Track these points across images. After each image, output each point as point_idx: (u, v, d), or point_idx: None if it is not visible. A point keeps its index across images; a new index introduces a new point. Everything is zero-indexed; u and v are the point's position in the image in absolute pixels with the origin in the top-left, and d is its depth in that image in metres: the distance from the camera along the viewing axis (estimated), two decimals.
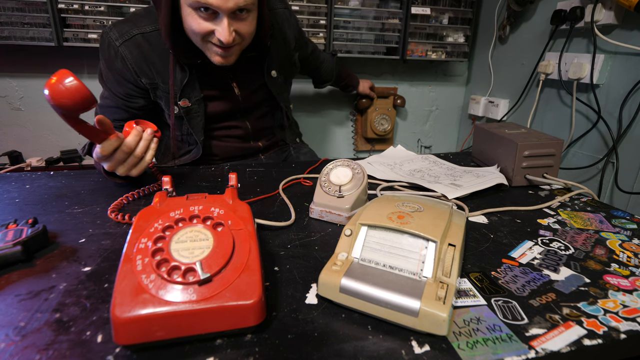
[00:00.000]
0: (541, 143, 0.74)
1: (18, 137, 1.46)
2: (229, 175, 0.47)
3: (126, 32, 0.78)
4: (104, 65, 0.80)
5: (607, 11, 1.10)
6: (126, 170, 0.62)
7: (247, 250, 0.36)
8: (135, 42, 0.78)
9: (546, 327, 0.37)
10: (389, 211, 0.44)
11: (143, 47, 0.79)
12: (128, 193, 0.64)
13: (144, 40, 0.79)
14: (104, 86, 0.83)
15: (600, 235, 0.57)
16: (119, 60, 0.78)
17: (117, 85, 0.81)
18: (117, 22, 0.79)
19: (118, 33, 0.78)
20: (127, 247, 0.35)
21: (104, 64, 0.80)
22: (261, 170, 0.81)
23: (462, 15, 1.62)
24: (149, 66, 0.80)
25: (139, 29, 0.78)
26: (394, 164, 0.86)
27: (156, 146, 0.65)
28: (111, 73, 0.80)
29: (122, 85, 0.81)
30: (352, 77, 1.54)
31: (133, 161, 0.62)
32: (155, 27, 0.79)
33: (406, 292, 0.36)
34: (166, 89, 0.82)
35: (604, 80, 1.15)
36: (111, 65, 0.79)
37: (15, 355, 0.32)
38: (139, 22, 0.79)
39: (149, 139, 0.63)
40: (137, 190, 0.65)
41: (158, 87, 0.83)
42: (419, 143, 1.97)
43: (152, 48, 0.79)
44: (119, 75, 0.80)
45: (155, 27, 0.79)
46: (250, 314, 0.33)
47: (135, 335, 0.31)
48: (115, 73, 0.80)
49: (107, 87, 0.82)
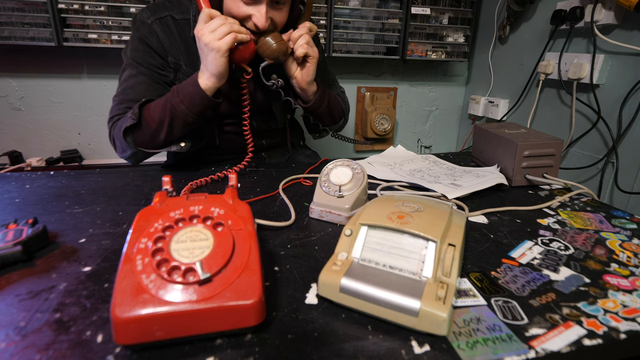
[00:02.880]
0: (541, 143, 0.74)
1: (18, 137, 1.46)
2: (229, 175, 0.47)
3: (158, 12, 0.82)
4: (137, 41, 0.81)
5: (607, 11, 1.10)
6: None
7: (247, 250, 0.36)
8: (166, 22, 0.81)
9: (546, 327, 0.37)
10: (389, 211, 0.44)
11: (172, 28, 0.82)
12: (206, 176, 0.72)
13: (173, 23, 0.82)
14: (133, 64, 0.81)
15: (600, 235, 0.57)
16: (151, 35, 0.80)
17: (149, 57, 0.82)
18: (149, 6, 0.83)
19: (150, 12, 0.81)
20: (127, 247, 0.35)
21: (137, 41, 0.81)
22: (261, 170, 0.82)
23: (462, 15, 1.62)
24: (176, 47, 0.82)
25: (169, 12, 0.82)
26: (394, 164, 0.86)
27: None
28: (142, 46, 0.81)
29: (153, 57, 0.82)
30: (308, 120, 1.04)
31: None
32: (184, 16, 0.82)
33: (406, 292, 0.36)
34: (188, 72, 0.83)
35: (604, 80, 1.15)
36: (143, 40, 0.81)
37: (15, 355, 0.32)
38: (169, 8, 0.83)
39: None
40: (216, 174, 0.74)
41: (180, 69, 0.84)
42: (419, 143, 1.97)
43: (179, 33, 0.82)
44: (151, 48, 0.81)
45: (185, 17, 0.82)
46: (250, 314, 0.33)
47: (135, 335, 0.31)
48: (147, 46, 0.81)
49: (136, 62, 0.81)
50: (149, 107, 0.76)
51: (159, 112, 0.74)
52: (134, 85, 0.81)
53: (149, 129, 0.76)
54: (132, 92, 0.81)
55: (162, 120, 0.74)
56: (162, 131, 0.75)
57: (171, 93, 0.75)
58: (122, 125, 0.76)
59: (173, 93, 0.75)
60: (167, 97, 0.75)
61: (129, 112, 0.77)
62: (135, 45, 0.82)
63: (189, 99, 0.73)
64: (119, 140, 0.78)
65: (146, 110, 0.76)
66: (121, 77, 0.83)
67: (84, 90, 1.47)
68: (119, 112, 0.81)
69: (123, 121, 0.77)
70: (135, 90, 0.81)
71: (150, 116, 0.75)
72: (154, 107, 0.76)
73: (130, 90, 0.81)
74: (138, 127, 0.75)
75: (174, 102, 0.73)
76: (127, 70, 0.83)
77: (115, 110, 0.82)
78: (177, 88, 0.75)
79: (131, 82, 0.82)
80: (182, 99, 0.73)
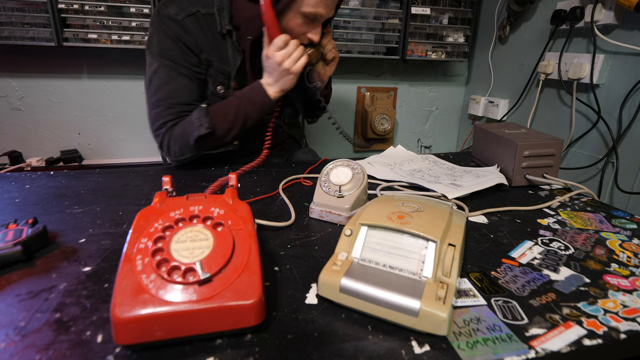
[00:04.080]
0: (541, 143, 0.74)
1: (18, 137, 1.46)
2: (229, 175, 0.47)
3: (186, 8, 0.80)
4: (168, 39, 0.79)
5: (607, 11, 1.10)
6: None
7: (247, 250, 0.36)
8: (197, 18, 0.80)
9: (546, 327, 0.37)
10: (389, 211, 0.44)
11: (203, 24, 0.81)
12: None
13: (203, 18, 0.81)
14: (170, 64, 0.80)
15: (600, 235, 0.57)
16: (185, 32, 0.79)
17: (186, 55, 0.80)
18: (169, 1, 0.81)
19: (178, 8, 0.80)
20: (127, 247, 0.35)
21: (168, 39, 0.79)
22: (261, 170, 0.82)
23: (462, 15, 1.62)
24: (208, 43, 0.82)
25: (195, 7, 0.81)
26: (394, 164, 0.86)
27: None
28: (178, 45, 0.80)
29: (190, 55, 0.81)
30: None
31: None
32: (209, 11, 0.82)
33: (406, 292, 0.36)
34: (220, 68, 0.84)
35: (604, 80, 1.15)
36: (178, 38, 0.79)
37: (15, 355, 0.32)
38: (194, 2, 0.81)
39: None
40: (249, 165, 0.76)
41: (212, 65, 0.84)
42: (419, 143, 1.97)
43: (209, 28, 0.82)
44: (186, 46, 0.80)
45: (209, 11, 0.82)
46: (250, 314, 0.33)
47: (135, 335, 0.31)
48: (182, 44, 0.80)
49: (174, 62, 0.80)
50: (215, 113, 0.80)
51: (230, 120, 0.81)
52: (178, 88, 0.81)
53: (219, 134, 0.80)
54: (178, 95, 0.81)
55: (232, 127, 0.81)
56: (229, 136, 0.82)
57: (240, 101, 0.81)
58: (191, 133, 0.78)
59: (243, 101, 0.81)
60: (237, 105, 0.81)
61: (193, 119, 0.78)
62: (167, 44, 0.79)
63: (260, 108, 0.82)
64: (180, 145, 0.79)
65: (214, 117, 0.79)
66: (153, 78, 0.81)
67: (84, 90, 1.47)
68: (171, 117, 0.81)
69: (189, 128, 0.78)
70: (181, 93, 0.81)
71: (220, 123, 0.80)
72: (223, 114, 0.80)
73: (176, 93, 0.81)
74: (210, 134, 0.78)
75: (247, 111, 0.81)
76: (163, 71, 0.80)
77: (165, 116, 0.80)
78: (246, 97, 0.81)
79: (174, 84, 0.81)
80: (254, 108, 0.82)
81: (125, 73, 1.48)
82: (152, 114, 0.82)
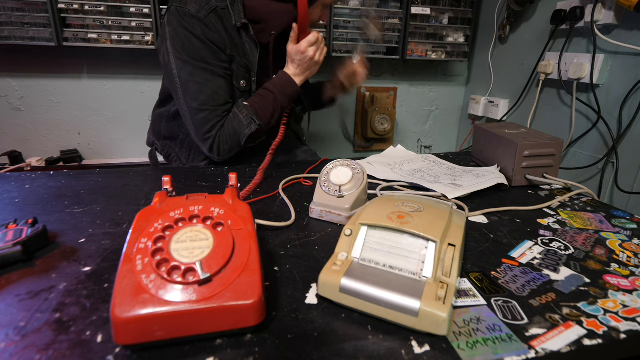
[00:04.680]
0: (541, 143, 0.74)
1: (18, 137, 1.46)
2: (229, 175, 0.47)
3: (205, 5, 0.79)
4: (197, 41, 0.78)
5: (607, 11, 1.10)
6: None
7: (247, 250, 0.36)
8: (217, 14, 0.81)
9: (546, 327, 0.37)
10: (389, 211, 0.44)
11: (223, 19, 0.81)
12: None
13: (221, 11, 0.81)
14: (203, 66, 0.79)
15: (600, 235, 0.57)
16: (210, 31, 0.79)
17: (217, 54, 0.80)
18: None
19: (198, 6, 0.79)
20: (127, 247, 0.35)
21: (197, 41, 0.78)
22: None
23: (462, 15, 1.62)
24: (230, 38, 0.83)
25: (215, 4, 0.81)
26: (394, 164, 0.86)
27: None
28: (206, 45, 0.79)
29: (219, 54, 0.81)
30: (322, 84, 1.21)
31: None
32: (222, 5, 0.82)
33: (406, 292, 0.36)
34: (241, 62, 0.86)
35: (604, 80, 1.15)
36: (206, 37, 0.78)
37: (15, 355, 0.32)
38: None
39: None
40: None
41: (234, 60, 0.85)
42: (419, 143, 1.97)
43: (228, 22, 0.82)
44: (215, 45, 0.80)
45: (222, 6, 0.82)
46: (250, 314, 0.33)
47: (135, 335, 0.31)
48: (211, 43, 0.79)
49: (207, 63, 0.79)
50: (258, 109, 0.83)
51: (270, 113, 0.85)
52: (217, 90, 0.82)
53: (264, 129, 0.85)
54: (219, 97, 0.82)
55: (271, 120, 0.85)
56: (268, 128, 0.86)
57: (275, 94, 0.85)
58: (241, 131, 0.81)
59: (277, 94, 0.85)
60: (273, 98, 0.85)
61: (240, 117, 0.81)
62: (197, 45, 0.78)
63: (290, 98, 0.87)
64: (230, 145, 0.83)
65: (259, 113, 0.83)
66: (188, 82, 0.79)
67: (84, 90, 1.47)
68: (218, 119, 0.82)
69: (238, 126, 0.81)
70: (221, 93, 0.82)
71: (265, 118, 0.84)
72: (264, 109, 0.84)
73: (217, 95, 0.82)
74: (258, 131, 0.82)
75: (282, 103, 0.86)
76: (199, 74, 0.79)
77: (213, 119, 0.81)
78: (279, 90, 0.85)
79: (213, 86, 0.81)
80: (287, 99, 0.87)
81: (125, 73, 1.48)
82: (198, 119, 0.81)
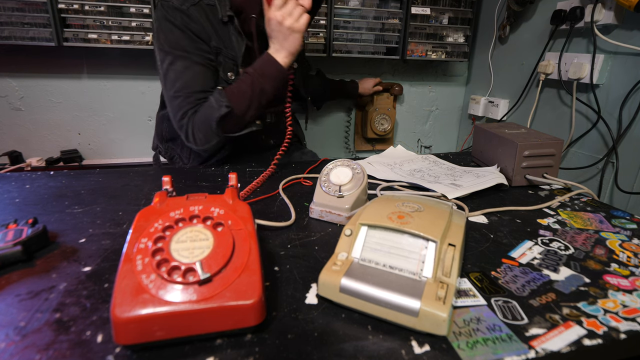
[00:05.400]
0: (541, 143, 0.74)
1: (18, 137, 1.46)
2: (229, 175, 0.47)
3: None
4: (176, 29, 0.79)
5: (607, 11, 1.10)
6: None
7: (247, 250, 0.36)
8: (201, 7, 0.81)
9: (546, 327, 0.37)
10: (389, 211, 0.44)
11: (207, 12, 0.82)
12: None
13: (206, 6, 0.82)
14: (182, 55, 0.80)
15: (600, 235, 0.57)
16: (192, 21, 0.80)
17: (197, 43, 0.81)
18: None
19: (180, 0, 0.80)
20: (127, 247, 0.35)
21: (176, 29, 0.79)
22: (261, 170, 0.81)
23: (462, 15, 1.62)
24: (214, 30, 0.82)
25: None
26: (394, 164, 0.86)
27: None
28: (186, 34, 0.80)
29: (200, 43, 0.81)
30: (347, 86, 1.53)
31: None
32: (210, 2, 0.82)
33: (406, 292, 0.36)
34: (229, 54, 0.84)
35: (604, 80, 1.15)
36: (187, 27, 0.79)
37: (15, 355, 0.32)
38: None
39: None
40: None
41: (221, 52, 0.84)
42: (419, 143, 1.97)
43: (213, 16, 0.82)
44: (195, 34, 0.80)
45: (210, 2, 0.82)
46: (250, 314, 0.33)
47: (135, 335, 0.31)
48: (191, 33, 0.80)
49: (186, 52, 0.80)
50: (232, 93, 0.79)
51: (247, 97, 0.79)
52: (194, 76, 0.81)
53: (239, 113, 0.80)
54: (196, 83, 0.81)
55: (250, 104, 0.80)
56: (249, 114, 0.81)
57: (252, 77, 0.79)
58: (212, 116, 0.77)
59: (254, 76, 0.79)
60: (251, 81, 0.79)
61: (211, 102, 0.78)
62: (177, 35, 0.80)
63: (274, 79, 0.80)
64: (204, 132, 0.80)
65: (231, 96, 0.79)
66: (168, 70, 0.81)
67: (84, 90, 1.47)
68: (190, 105, 0.81)
69: (210, 112, 0.78)
70: (198, 80, 0.81)
71: (239, 101, 0.79)
72: (239, 93, 0.79)
73: (194, 81, 0.81)
74: (230, 114, 0.78)
75: (262, 85, 0.79)
76: (178, 62, 0.80)
77: (185, 105, 0.81)
78: (257, 71, 0.79)
79: (189, 73, 0.81)
80: (268, 80, 0.79)
81: (125, 73, 1.48)
82: (172, 107, 0.82)
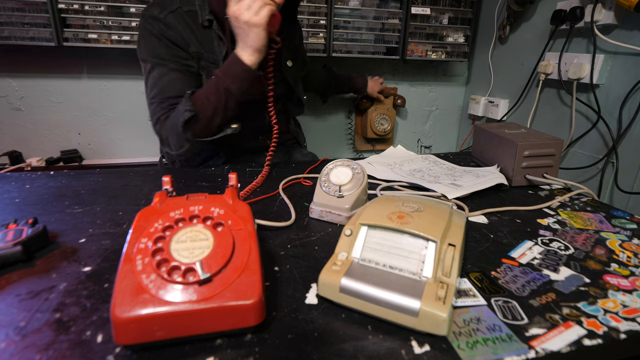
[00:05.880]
0: (541, 143, 0.74)
1: (18, 137, 1.46)
2: (229, 175, 0.47)
3: (168, 6, 0.81)
4: (154, 38, 0.80)
5: (607, 11, 1.10)
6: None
7: (247, 250, 0.36)
8: (180, 14, 0.81)
9: (546, 327, 0.37)
10: (389, 211, 0.44)
11: (187, 19, 0.82)
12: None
13: (186, 14, 0.82)
14: (159, 62, 0.81)
15: (600, 235, 0.56)
16: (169, 29, 0.80)
17: (173, 51, 0.81)
18: (154, 2, 0.83)
19: (160, 8, 0.81)
20: (127, 247, 0.35)
21: (154, 38, 0.80)
22: (261, 170, 0.81)
23: (462, 15, 1.62)
24: (195, 36, 0.82)
25: (176, 4, 0.82)
26: (394, 164, 0.86)
27: None
28: (163, 41, 0.80)
29: (177, 50, 0.82)
30: (355, 81, 1.54)
31: None
32: (190, 8, 0.82)
33: (406, 292, 0.36)
34: (210, 58, 0.84)
35: (604, 80, 1.15)
36: (163, 35, 0.80)
37: (15, 355, 0.32)
38: (176, 1, 0.82)
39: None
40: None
41: (202, 57, 0.84)
42: (419, 143, 1.97)
43: (193, 22, 0.82)
44: (171, 42, 0.81)
45: (191, 9, 0.82)
46: (250, 314, 0.33)
47: (135, 335, 0.31)
48: (168, 41, 0.80)
49: (162, 59, 0.81)
50: (199, 97, 0.78)
51: (213, 100, 0.77)
52: (170, 83, 0.81)
53: (205, 117, 0.78)
54: (170, 89, 0.81)
55: (217, 107, 0.77)
56: (218, 117, 0.78)
57: (217, 78, 0.77)
58: (178, 121, 0.77)
59: (220, 78, 0.77)
60: (215, 83, 0.77)
61: (179, 107, 0.78)
62: (154, 43, 0.81)
63: (239, 79, 0.76)
64: (175, 137, 0.79)
65: (197, 100, 0.77)
66: (148, 78, 0.83)
67: (84, 90, 1.47)
68: (164, 111, 0.81)
69: (176, 117, 0.78)
70: (174, 86, 0.81)
71: (204, 105, 0.77)
72: (205, 96, 0.78)
73: (168, 88, 0.81)
74: (195, 118, 0.77)
75: (226, 85, 0.76)
76: (155, 70, 0.81)
77: (158, 111, 0.81)
78: (221, 72, 0.77)
79: (165, 80, 0.81)
80: (232, 81, 0.76)
81: (125, 73, 1.48)
82: (150, 112, 0.83)
